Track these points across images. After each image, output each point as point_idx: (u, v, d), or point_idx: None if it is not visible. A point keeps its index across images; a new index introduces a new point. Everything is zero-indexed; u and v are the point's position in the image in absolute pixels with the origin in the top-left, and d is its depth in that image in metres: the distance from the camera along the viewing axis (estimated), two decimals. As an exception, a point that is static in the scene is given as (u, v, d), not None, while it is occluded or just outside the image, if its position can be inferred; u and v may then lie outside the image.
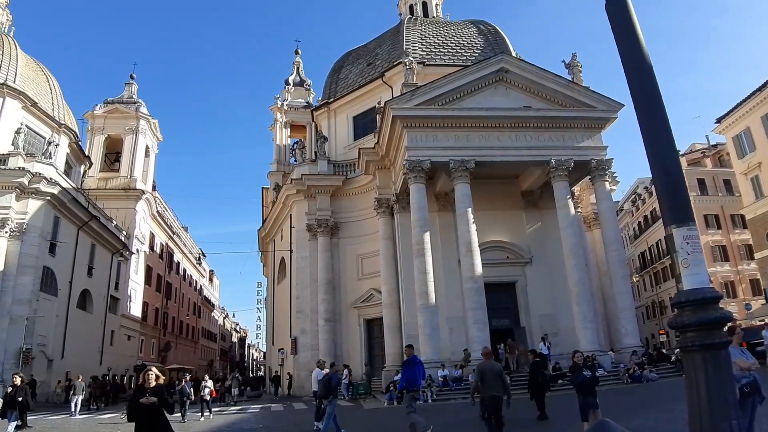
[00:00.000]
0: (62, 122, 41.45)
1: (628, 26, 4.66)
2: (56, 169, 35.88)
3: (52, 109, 40.71)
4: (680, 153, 47.10)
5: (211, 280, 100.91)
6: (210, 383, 22.86)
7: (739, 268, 50.08)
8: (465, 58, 36.95)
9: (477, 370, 10.96)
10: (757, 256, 40.18)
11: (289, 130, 51.44)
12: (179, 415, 19.66)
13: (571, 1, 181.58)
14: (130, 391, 43.72)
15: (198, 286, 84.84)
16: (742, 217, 44.21)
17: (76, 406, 24.22)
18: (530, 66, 29.62)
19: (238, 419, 20.92)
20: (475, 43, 39.31)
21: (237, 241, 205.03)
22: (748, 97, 37.83)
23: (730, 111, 39.90)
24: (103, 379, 36.16)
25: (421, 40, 39.22)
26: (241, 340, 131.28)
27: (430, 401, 21.89)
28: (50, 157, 35.41)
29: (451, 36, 40.06)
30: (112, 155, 56.15)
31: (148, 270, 57.05)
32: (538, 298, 29.59)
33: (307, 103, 52.80)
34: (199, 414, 21.24)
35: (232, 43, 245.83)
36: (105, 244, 43.61)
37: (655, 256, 60.77)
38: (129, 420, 7.19)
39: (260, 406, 27.32)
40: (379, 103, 32.48)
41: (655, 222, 58.49)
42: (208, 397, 21.86)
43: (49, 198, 33.94)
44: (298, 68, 57.40)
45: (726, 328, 4.25)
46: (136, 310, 52.51)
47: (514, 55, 34.64)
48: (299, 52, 58.71)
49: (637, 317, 31.46)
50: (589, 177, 29.82)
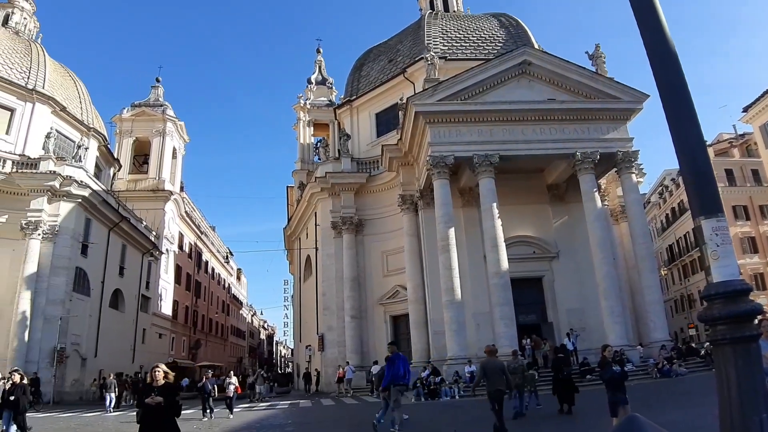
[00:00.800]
0: (91, 126, 42.40)
1: (652, 14, 4.56)
2: (86, 172, 36.74)
3: (81, 114, 41.66)
4: (707, 143, 45.96)
5: (238, 278, 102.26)
6: (234, 380, 22.47)
7: (769, 259, 48.78)
8: (487, 51, 36.64)
9: (480, 367, 11.47)
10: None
11: (312, 128, 51.80)
12: (201, 412, 19.67)
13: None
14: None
15: (226, 285, 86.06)
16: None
17: (110, 402, 24.86)
18: (553, 58, 29.25)
19: (267, 415, 21.07)
20: (497, 37, 38.94)
21: (263, 239, 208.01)
22: (776, 86, 36.78)
23: (757, 100, 38.87)
24: (135, 377, 36.97)
25: (443, 34, 39.00)
26: (269, 338, 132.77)
27: (458, 397, 21.86)
28: (80, 161, 36.25)
29: (472, 30, 39.75)
30: (141, 157, 57.35)
31: (178, 269, 58.15)
32: (566, 293, 29.26)
33: (330, 101, 53.08)
34: (228, 411, 20.78)
35: (255, 44, 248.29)
36: (135, 245, 44.60)
37: (683, 248, 59.68)
38: (137, 422, 6.78)
39: (289, 402, 27.61)
40: (401, 100, 32.42)
41: (683, 214, 57.47)
42: (232, 394, 21.49)
43: (80, 200, 34.81)
44: (320, 67, 57.75)
45: (756, 321, 4.15)
46: (167, 308, 53.61)
47: (536, 47, 34.25)
48: (321, 50, 59.25)
49: (666, 311, 30.89)
50: (615, 169, 29.36)
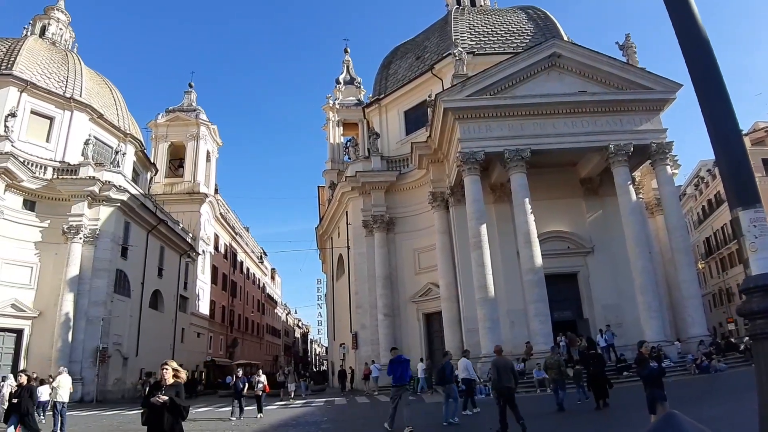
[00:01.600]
0: (127, 132, 43.58)
1: (683, 1, 4.47)
2: (124, 177, 37.85)
3: (118, 120, 42.86)
4: (743, 132, 44.39)
5: (272, 278, 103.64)
6: (263, 378, 21.47)
7: (808, 251, 46.89)
8: (515, 45, 36.20)
9: (492, 366, 12.45)
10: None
11: (341, 128, 52.06)
12: (232, 410, 19.43)
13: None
14: (200, 387, 45.71)
15: (261, 284, 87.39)
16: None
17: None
18: (583, 49, 28.72)
19: (303, 413, 21.28)
20: (525, 30, 38.40)
21: (296, 239, 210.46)
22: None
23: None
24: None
25: (470, 29, 38.68)
26: (304, 336, 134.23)
27: (492, 395, 21.66)
28: (118, 166, 37.34)
29: (499, 24, 39.30)
30: (176, 161, 58.77)
31: (214, 270, 59.34)
32: (601, 289, 28.71)
33: (358, 100, 53.25)
34: (257, 411, 19.92)
35: (284, 47, 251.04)
36: (173, 246, 45.73)
37: (720, 241, 58.07)
38: (143, 423, 6.27)
39: (324, 400, 27.87)
40: (429, 97, 32.31)
41: (720, 205, 55.84)
42: (261, 393, 20.54)
43: (119, 204, 35.86)
44: (347, 67, 57.96)
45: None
46: (204, 308, 54.80)
47: (565, 39, 33.71)
48: (348, 50, 59.37)
49: (704, 305, 30.03)
50: (649, 161, 28.66)
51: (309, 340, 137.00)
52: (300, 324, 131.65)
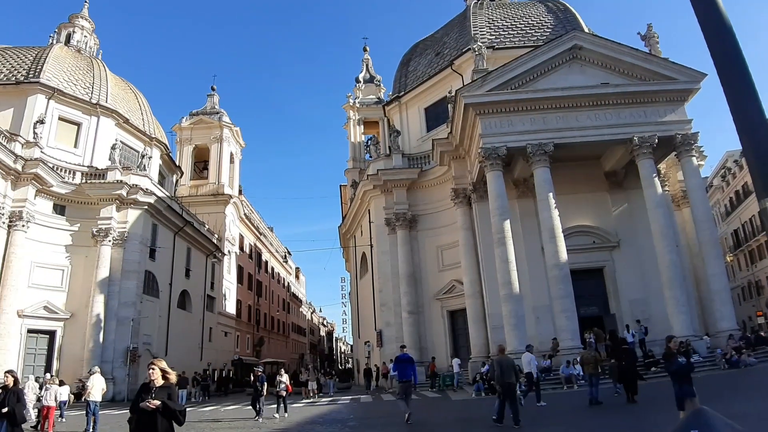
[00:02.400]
0: (153, 136, 44.28)
1: (705, -10, 4.38)
2: (151, 180, 38.49)
3: (143, 124, 43.58)
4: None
5: (297, 277, 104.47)
6: (285, 377, 20.64)
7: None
8: (536, 38, 35.76)
9: (495, 363, 13.33)
10: None
11: (362, 127, 52.14)
12: (251, 409, 19.16)
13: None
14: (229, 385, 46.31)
15: (286, 283, 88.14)
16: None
17: (182, 398, 26.08)
18: (604, 41, 28.25)
19: (330, 410, 21.41)
20: (545, 22, 37.90)
21: (319, 238, 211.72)
22: None
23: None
24: (203, 374, 38.57)
25: (489, 24, 38.35)
26: (329, 334, 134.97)
27: (518, 392, 21.51)
28: (145, 169, 37.97)
29: (519, 17, 38.88)
30: (201, 164, 59.66)
31: (240, 269, 60.06)
32: (628, 284, 28.28)
33: (378, 99, 53.24)
34: (276, 411, 19.34)
35: (304, 47, 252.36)
36: (199, 247, 46.42)
37: (749, 233, 56.45)
38: (132, 431, 5.58)
39: (350, 398, 28.03)
40: (450, 93, 32.16)
41: (748, 197, 54.20)
42: (284, 393, 19.61)
43: (146, 207, 36.50)
44: (367, 65, 57.98)
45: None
46: (231, 307, 55.49)
47: (586, 30, 33.20)
48: (368, 49, 59.37)
49: (733, 299, 29.27)
50: (674, 153, 28.06)
51: (334, 338, 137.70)
52: (325, 322, 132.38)
